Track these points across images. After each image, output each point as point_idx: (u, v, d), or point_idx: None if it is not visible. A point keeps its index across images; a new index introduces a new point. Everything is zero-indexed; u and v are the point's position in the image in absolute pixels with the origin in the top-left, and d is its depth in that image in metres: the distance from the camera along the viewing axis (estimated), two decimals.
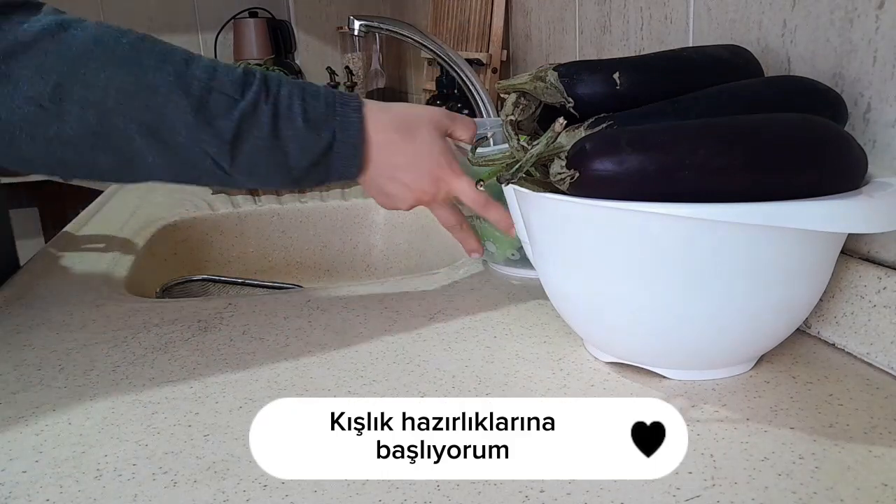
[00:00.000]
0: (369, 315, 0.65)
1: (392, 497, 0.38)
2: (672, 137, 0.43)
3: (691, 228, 0.42)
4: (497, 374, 0.52)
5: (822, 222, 0.41)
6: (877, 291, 0.49)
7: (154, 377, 0.54)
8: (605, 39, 0.85)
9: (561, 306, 0.53)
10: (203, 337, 0.61)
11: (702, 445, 0.42)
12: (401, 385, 0.51)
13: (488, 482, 0.39)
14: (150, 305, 0.69)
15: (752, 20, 0.60)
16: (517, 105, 0.53)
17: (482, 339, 0.58)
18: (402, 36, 0.92)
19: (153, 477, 0.41)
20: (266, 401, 0.40)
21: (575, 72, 0.50)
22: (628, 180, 0.43)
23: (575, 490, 0.38)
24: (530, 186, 0.49)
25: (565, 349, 0.55)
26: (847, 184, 0.43)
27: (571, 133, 0.48)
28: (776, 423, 0.44)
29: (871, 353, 0.50)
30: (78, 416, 0.49)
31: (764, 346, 0.50)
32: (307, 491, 0.39)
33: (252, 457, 0.40)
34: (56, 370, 0.56)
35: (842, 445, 0.41)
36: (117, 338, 0.62)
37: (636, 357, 0.50)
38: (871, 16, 0.49)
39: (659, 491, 0.38)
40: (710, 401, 0.46)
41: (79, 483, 0.41)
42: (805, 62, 0.55)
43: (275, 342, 0.59)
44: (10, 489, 0.41)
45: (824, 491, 0.37)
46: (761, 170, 0.42)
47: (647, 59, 0.53)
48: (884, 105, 0.49)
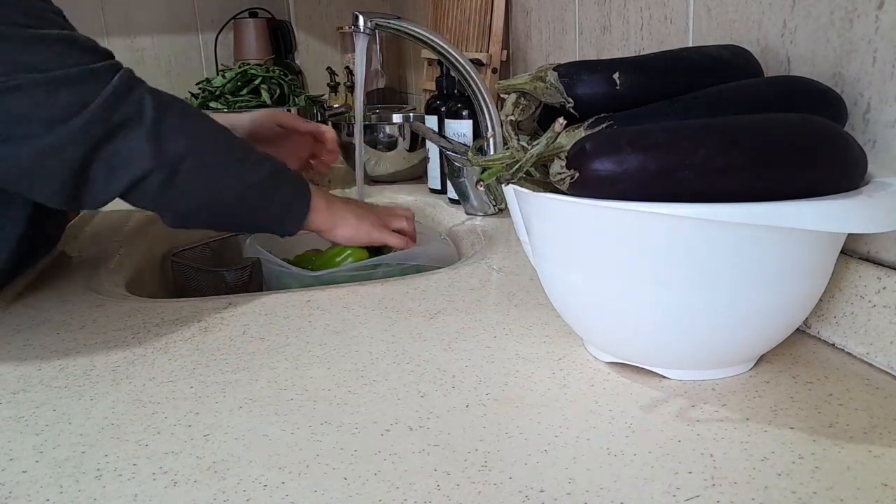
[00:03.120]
0: (369, 315, 0.65)
1: (392, 497, 0.38)
2: (672, 137, 0.43)
3: (691, 228, 0.42)
4: (497, 374, 0.52)
5: (821, 222, 0.41)
6: (877, 291, 0.49)
7: (154, 377, 0.54)
8: (605, 39, 0.85)
9: (561, 306, 0.53)
10: (203, 337, 0.61)
11: (702, 445, 0.42)
12: (401, 385, 0.51)
13: (488, 482, 0.39)
14: (151, 305, 0.69)
15: (752, 20, 0.60)
16: (517, 105, 0.53)
17: (482, 339, 0.58)
18: (409, 34, 0.91)
19: (153, 477, 0.41)
20: (266, 401, 0.40)
21: (575, 72, 0.50)
22: (628, 180, 0.42)
23: (575, 490, 0.38)
24: (530, 186, 0.49)
25: (565, 349, 0.55)
26: (847, 184, 0.43)
27: (571, 133, 0.48)
28: (776, 423, 0.44)
29: (870, 353, 0.50)
30: (78, 416, 0.49)
31: (764, 346, 0.50)
32: (307, 491, 0.39)
33: (252, 457, 0.39)
34: (56, 370, 0.56)
35: (842, 445, 0.41)
36: (117, 338, 0.62)
37: (636, 357, 0.50)
38: (871, 16, 0.49)
39: (659, 491, 0.38)
40: (710, 401, 0.46)
41: (79, 483, 0.41)
42: (805, 62, 0.55)
43: (275, 342, 0.59)
44: (10, 489, 0.41)
45: (824, 491, 0.37)
46: (761, 170, 0.42)
47: (647, 59, 0.53)
48: (884, 105, 0.49)
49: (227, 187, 0.71)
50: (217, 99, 1.37)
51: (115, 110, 0.64)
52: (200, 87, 1.41)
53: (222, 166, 0.71)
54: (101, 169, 0.64)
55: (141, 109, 0.65)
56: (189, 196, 0.69)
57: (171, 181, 0.67)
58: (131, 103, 0.65)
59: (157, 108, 0.66)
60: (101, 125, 0.63)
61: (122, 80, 0.65)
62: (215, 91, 1.38)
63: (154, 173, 0.66)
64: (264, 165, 0.74)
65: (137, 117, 0.65)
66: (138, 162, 0.65)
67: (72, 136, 0.62)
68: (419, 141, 1.25)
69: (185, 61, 1.82)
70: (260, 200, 0.74)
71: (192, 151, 0.68)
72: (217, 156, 0.71)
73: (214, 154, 0.71)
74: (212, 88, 1.39)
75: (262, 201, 0.74)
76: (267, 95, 1.37)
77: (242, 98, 1.37)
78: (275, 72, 1.42)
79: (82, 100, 0.62)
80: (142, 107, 0.65)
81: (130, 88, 0.65)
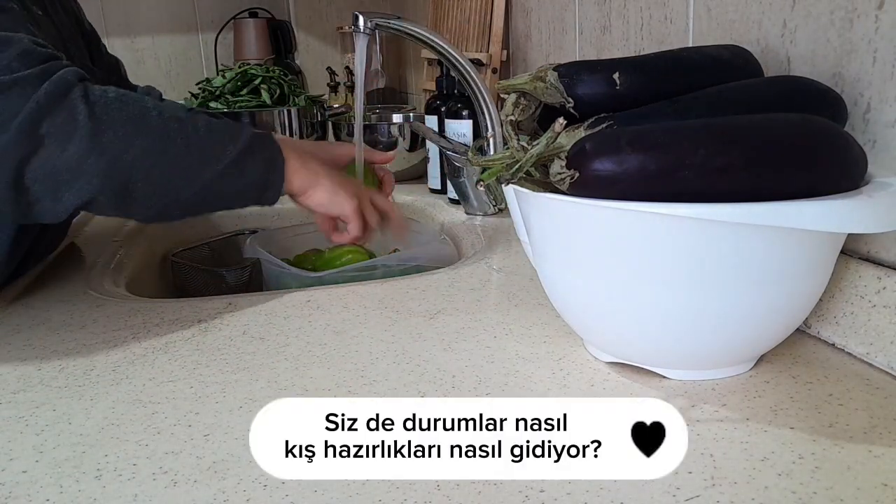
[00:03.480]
0: (369, 315, 0.65)
1: (392, 497, 0.38)
2: (672, 137, 0.43)
3: (691, 228, 0.42)
4: (497, 374, 0.52)
5: (821, 222, 0.41)
6: (877, 291, 0.49)
7: (154, 377, 0.54)
8: (605, 39, 0.85)
9: (561, 306, 0.53)
10: (203, 337, 0.61)
11: (702, 445, 0.42)
12: (401, 385, 0.51)
13: (488, 482, 0.39)
14: (150, 305, 0.69)
15: (752, 20, 0.60)
16: (517, 105, 0.53)
17: (482, 339, 0.58)
18: (409, 34, 0.91)
19: (153, 477, 0.41)
20: (266, 401, 0.40)
21: (575, 72, 0.50)
22: (628, 180, 0.42)
23: (575, 490, 0.38)
24: (530, 186, 0.49)
25: (565, 349, 0.55)
26: (847, 184, 0.43)
27: (571, 133, 0.48)
28: (776, 423, 0.44)
29: (870, 353, 0.50)
30: (78, 416, 0.49)
31: (764, 346, 0.50)
32: (307, 491, 0.39)
33: (252, 457, 0.39)
34: (56, 370, 0.56)
35: (842, 445, 0.41)
36: (117, 338, 0.62)
37: (636, 357, 0.50)
38: (871, 16, 0.49)
39: (659, 491, 0.38)
40: (710, 401, 0.46)
41: (79, 483, 0.41)
42: (805, 62, 0.55)
43: (275, 342, 0.59)
44: (10, 489, 0.41)
45: (824, 491, 0.37)
46: (761, 170, 0.42)
47: (647, 59, 0.53)
48: (884, 105, 0.49)
49: (191, 186, 0.65)
50: (217, 99, 1.37)
51: (40, 123, 0.57)
52: (200, 87, 1.41)
53: (179, 168, 0.64)
54: (43, 186, 0.58)
55: (73, 120, 0.58)
56: (150, 202, 0.64)
57: (125, 193, 0.61)
58: (60, 114, 0.58)
59: (93, 118, 0.59)
60: (27, 139, 0.56)
61: (52, 88, 0.58)
62: (215, 91, 1.38)
63: (104, 190, 0.60)
64: (227, 150, 0.66)
65: (69, 129, 0.58)
66: (82, 177, 0.59)
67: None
68: (419, 141, 1.25)
69: (185, 61, 1.82)
70: (229, 187, 0.67)
71: (140, 160, 0.61)
72: (171, 158, 0.63)
73: (168, 156, 0.63)
74: (212, 88, 1.39)
75: (232, 187, 0.68)
76: (267, 95, 1.37)
77: (242, 98, 1.37)
78: (275, 72, 1.42)
79: (6, 111, 0.56)
80: (74, 118, 0.58)
81: (61, 97, 0.58)
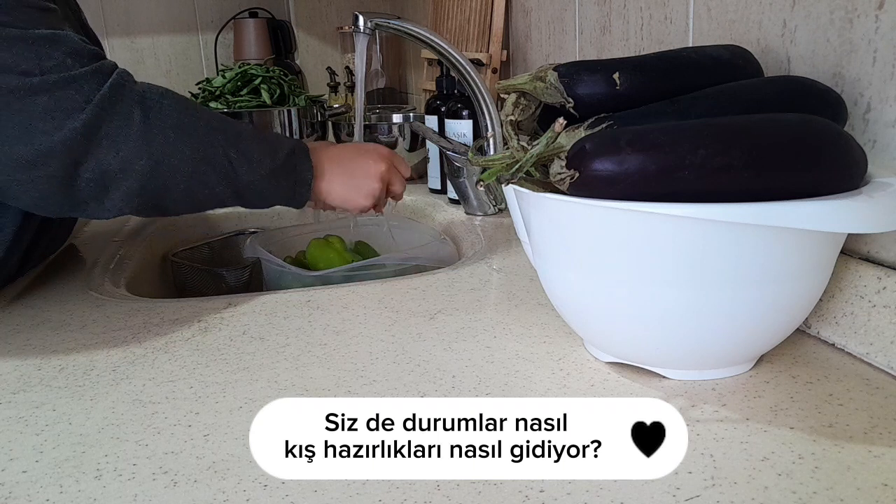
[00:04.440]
0: (369, 315, 0.65)
1: (392, 497, 0.38)
2: (672, 137, 0.43)
3: (691, 228, 0.42)
4: (497, 374, 0.52)
5: (821, 222, 0.41)
6: (877, 291, 0.49)
7: (154, 377, 0.54)
8: (605, 40, 0.85)
9: (561, 306, 0.53)
10: (203, 337, 0.61)
11: (702, 445, 0.42)
12: (401, 385, 0.51)
13: (488, 482, 0.39)
14: (150, 305, 0.69)
15: (752, 20, 0.60)
16: (517, 105, 0.53)
17: (482, 339, 0.58)
18: (409, 34, 0.91)
19: (153, 477, 0.41)
20: (266, 401, 0.40)
21: (575, 72, 0.50)
22: (628, 180, 0.42)
23: (575, 490, 0.38)
24: (530, 186, 0.49)
25: (565, 349, 0.55)
26: (847, 184, 0.43)
27: (571, 133, 0.48)
28: (776, 423, 0.44)
29: (870, 353, 0.50)
30: (78, 416, 0.49)
31: (764, 346, 0.50)
32: (307, 491, 0.39)
33: (252, 457, 0.39)
34: (56, 370, 0.56)
35: (842, 445, 0.41)
36: (117, 338, 0.62)
37: (636, 357, 0.50)
38: (871, 16, 0.49)
39: (659, 491, 0.38)
40: (710, 401, 0.46)
41: (79, 483, 0.41)
42: (805, 62, 0.55)
43: (275, 342, 0.59)
44: (10, 489, 0.41)
45: (824, 491, 0.37)
46: (761, 170, 0.42)
47: (647, 59, 0.53)
48: (884, 105, 0.49)
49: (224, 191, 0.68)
50: (217, 99, 1.37)
51: (100, 126, 0.60)
52: (200, 87, 1.41)
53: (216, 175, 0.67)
54: (94, 185, 0.61)
55: (129, 123, 0.61)
56: (180, 207, 0.67)
57: (163, 194, 0.64)
58: (118, 116, 0.61)
59: (146, 122, 0.62)
60: (85, 140, 0.59)
61: (110, 91, 0.60)
62: (215, 91, 1.38)
63: (146, 191, 0.63)
64: (263, 163, 0.70)
65: (125, 132, 0.61)
66: (130, 177, 0.62)
67: (51, 148, 0.58)
68: (419, 141, 1.25)
69: (185, 61, 1.82)
70: (259, 198, 0.71)
71: (183, 165, 0.64)
72: (211, 166, 0.66)
73: (208, 164, 0.66)
74: (212, 88, 1.39)
75: (261, 197, 0.71)
76: (267, 95, 1.37)
77: (242, 98, 1.37)
78: (275, 72, 1.42)
79: (61, 109, 0.58)
80: (130, 120, 0.61)
81: (118, 100, 0.61)
